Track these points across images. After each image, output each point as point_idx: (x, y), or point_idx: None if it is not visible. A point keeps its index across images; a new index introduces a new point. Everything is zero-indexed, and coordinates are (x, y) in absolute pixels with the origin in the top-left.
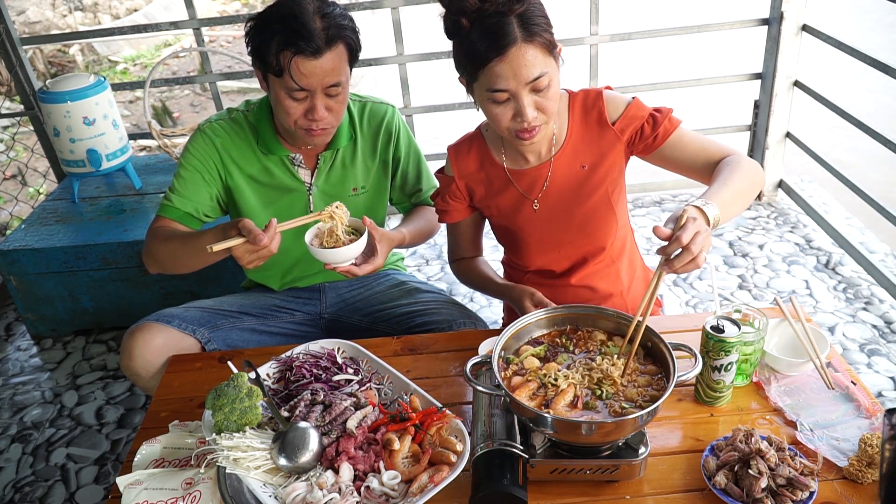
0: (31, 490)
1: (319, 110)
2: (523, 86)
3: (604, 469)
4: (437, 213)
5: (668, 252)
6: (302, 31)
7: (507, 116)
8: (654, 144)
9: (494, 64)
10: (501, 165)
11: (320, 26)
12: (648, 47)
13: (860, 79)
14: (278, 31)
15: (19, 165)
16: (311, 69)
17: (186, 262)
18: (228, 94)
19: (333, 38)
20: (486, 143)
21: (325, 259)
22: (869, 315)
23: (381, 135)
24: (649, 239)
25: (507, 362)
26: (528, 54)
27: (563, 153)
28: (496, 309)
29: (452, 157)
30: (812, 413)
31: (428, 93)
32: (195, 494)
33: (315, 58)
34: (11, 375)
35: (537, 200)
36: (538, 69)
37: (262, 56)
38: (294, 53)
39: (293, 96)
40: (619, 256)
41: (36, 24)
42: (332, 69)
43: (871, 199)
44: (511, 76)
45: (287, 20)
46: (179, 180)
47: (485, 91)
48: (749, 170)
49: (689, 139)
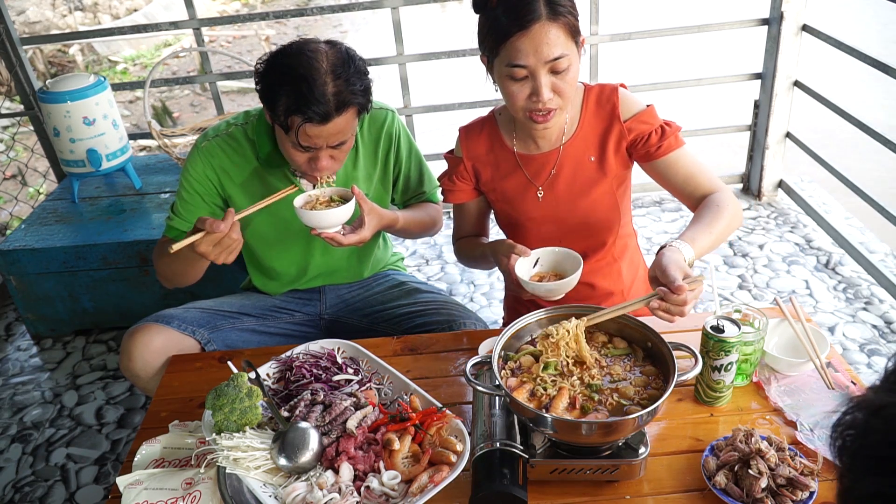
0: (31, 490)
1: (322, 161)
2: (542, 64)
3: (604, 469)
4: (444, 192)
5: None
6: (310, 98)
7: (524, 95)
8: (653, 155)
9: (516, 38)
10: (511, 149)
11: (332, 91)
12: (648, 47)
13: (860, 79)
14: (286, 93)
15: (19, 165)
16: (318, 133)
17: (187, 272)
18: (228, 94)
19: (344, 105)
20: (497, 127)
21: (311, 222)
22: (869, 315)
23: (381, 141)
24: (649, 239)
25: (506, 360)
26: (551, 33)
27: (572, 142)
28: (496, 309)
29: (463, 138)
30: (812, 413)
31: (428, 93)
32: (195, 494)
33: (323, 124)
34: (11, 375)
35: (542, 188)
36: (559, 49)
37: (270, 107)
38: (303, 121)
39: (297, 149)
40: (622, 256)
41: (36, 24)
42: (339, 131)
43: (871, 199)
44: (532, 52)
45: (297, 82)
46: (181, 201)
47: (504, 66)
48: (731, 214)
49: (686, 163)
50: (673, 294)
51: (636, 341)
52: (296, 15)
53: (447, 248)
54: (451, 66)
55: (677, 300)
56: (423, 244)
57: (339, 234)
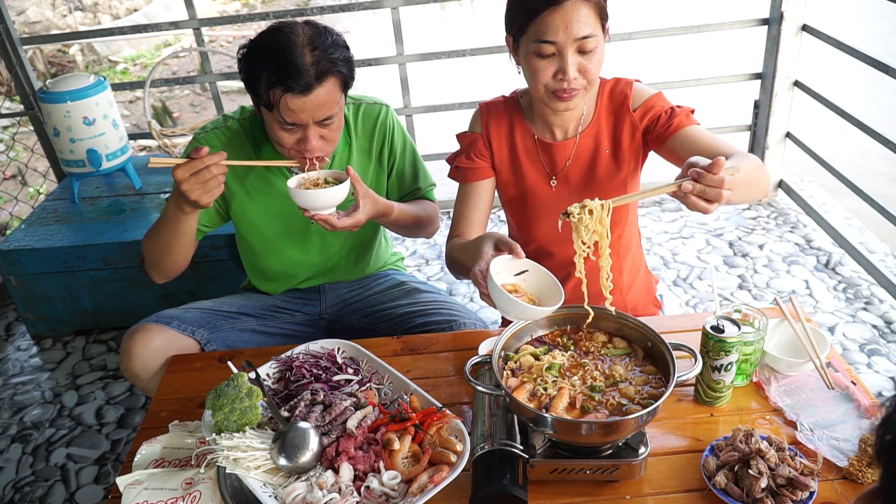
0: (31, 490)
1: (311, 141)
2: (572, 41)
3: (604, 469)
4: (460, 172)
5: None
6: (290, 67)
7: (549, 72)
8: (666, 134)
9: (548, 13)
10: (532, 133)
11: (310, 61)
12: (648, 47)
13: (860, 79)
14: (266, 67)
15: (19, 165)
16: (301, 105)
17: (171, 246)
18: (228, 94)
19: (324, 74)
20: (520, 109)
21: (305, 202)
22: (869, 315)
23: (375, 135)
24: (649, 239)
25: (506, 360)
26: (583, 11)
27: (588, 132)
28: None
29: (484, 113)
30: (812, 413)
31: (428, 93)
32: (195, 494)
33: (305, 95)
34: (11, 375)
35: (556, 178)
36: (589, 28)
37: (252, 88)
38: (283, 91)
39: (284, 128)
40: (625, 254)
41: (36, 24)
42: (323, 104)
43: (871, 199)
44: (562, 27)
45: (275, 55)
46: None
47: (532, 42)
48: (759, 166)
49: (702, 136)
50: (709, 173)
51: (636, 341)
52: (296, 15)
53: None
54: (451, 66)
55: (714, 180)
56: (423, 244)
57: (332, 216)
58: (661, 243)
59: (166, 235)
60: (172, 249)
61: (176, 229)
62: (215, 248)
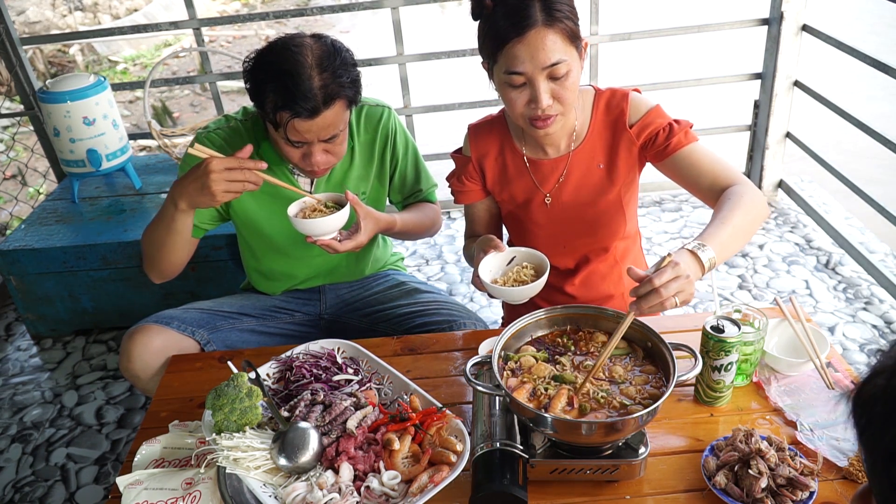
0: (31, 490)
1: (316, 156)
2: (539, 70)
3: (604, 469)
4: (454, 194)
5: (639, 293)
6: (297, 92)
7: (522, 102)
8: (664, 153)
9: (513, 45)
10: (521, 152)
11: (318, 84)
12: (648, 47)
13: (860, 79)
14: (273, 90)
15: (19, 165)
16: (308, 127)
17: (168, 245)
18: (228, 94)
19: (332, 98)
20: (508, 128)
21: (306, 230)
22: (869, 315)
23: (377, 138)
24: (649, 239)
25: (506, 360)
26: (548, 39)
27: (581, 149)
28: (496, 309)
29: (472, 136)
30: (812, 413)
31: (428, 93)
32: (195, 494)
33: (312, 118)
34: (11, 375)
35: (550, 195)
36: (556, 55)
37: (259, 104)
38: (291, 116)
39: (289, 145)
40: (623, 258)
41: (36, 24)
42: (329, 124)
43: (871, 199)
44: (528, 59)
45: (283, 78)
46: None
47: (502, 73)
48: (753, 204)
49: (701, 157)
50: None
51: (636, 341)
52: (296, 15)
53: (447, 248)
54: (451, 66)
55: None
56: (423, 244)
57: (334, 240)
58: (661, 243)
59: (161, 232)
60: (167, 248)
61: (170, 227)
62: (215, 248)
